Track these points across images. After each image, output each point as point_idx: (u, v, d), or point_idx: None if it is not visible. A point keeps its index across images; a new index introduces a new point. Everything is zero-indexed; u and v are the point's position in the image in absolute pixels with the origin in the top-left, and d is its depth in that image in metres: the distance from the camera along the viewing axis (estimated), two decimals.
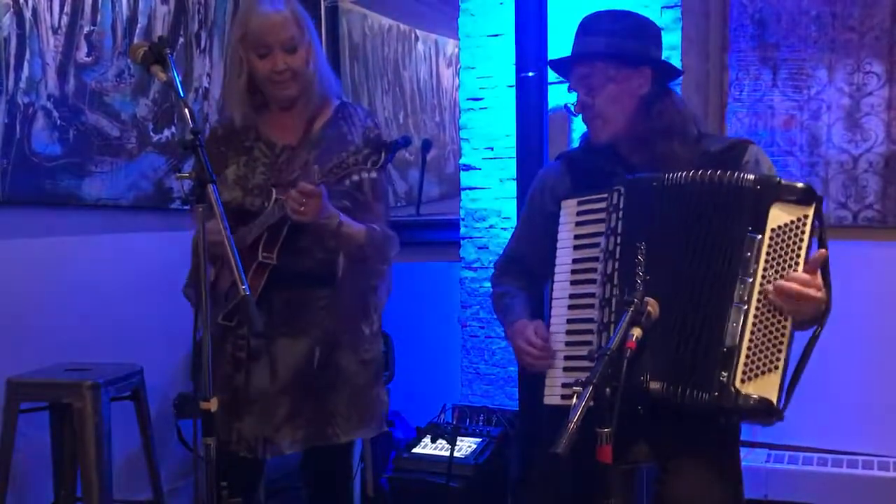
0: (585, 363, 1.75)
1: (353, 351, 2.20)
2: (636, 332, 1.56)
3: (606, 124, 1.91)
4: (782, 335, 1.63)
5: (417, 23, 4.23)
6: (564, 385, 1.81)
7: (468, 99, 3.33)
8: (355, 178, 1.95)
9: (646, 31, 1.93)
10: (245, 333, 2.13)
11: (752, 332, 1.63)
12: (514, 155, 3.07)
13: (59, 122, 2.86)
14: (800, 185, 1.66)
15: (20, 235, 2.81)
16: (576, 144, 3.05)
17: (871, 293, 3.00)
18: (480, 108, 3.31)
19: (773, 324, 1.63)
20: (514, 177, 3.07)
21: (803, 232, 1.63)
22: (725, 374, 1.62)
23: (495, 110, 3.28)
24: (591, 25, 1.94)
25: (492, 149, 3.30)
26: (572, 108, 1.96)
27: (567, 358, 1.83)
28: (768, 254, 1.64)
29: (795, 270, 1.62)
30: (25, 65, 2.74)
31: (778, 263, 1.63)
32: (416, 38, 4.26)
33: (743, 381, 1.61)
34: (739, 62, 3.13)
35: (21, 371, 2.65)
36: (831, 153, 3.04)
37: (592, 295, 1.81)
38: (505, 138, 3.25)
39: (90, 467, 2.56)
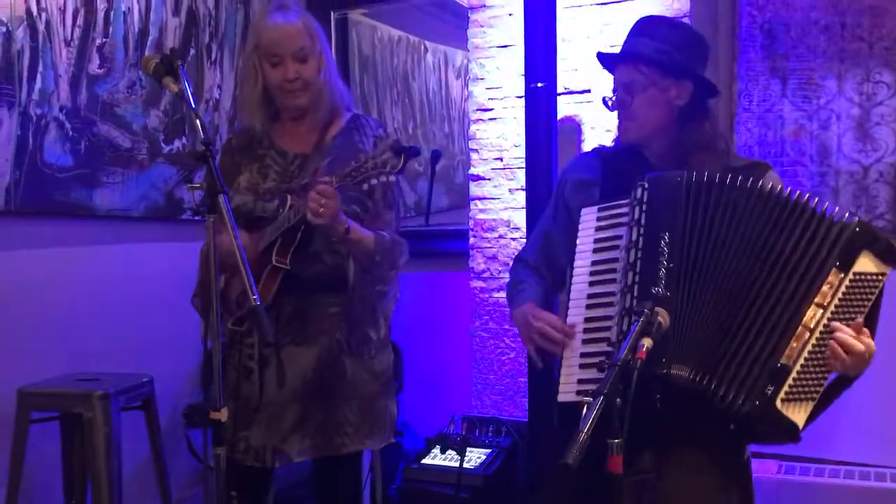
0: (602, 358, 1.74)
1: (361, 358, 2.20)
2: (646, 342, 1.55)
3: (637, 126, 1.94)
4: (828, 372, 1.68)
5: (427, 34, 4.25)
6: (580, 381, 1.81)
7: (477, 109, 3.34)
8: (373, 181, 1.96)
9: (696, 46, 1.96)
10: (254, 342, 2.14)
11: (807, 359, 1.67)
12: (523, 165, 3.07)
13: (70, 133, 2.89)
14: (890, 242, 1.72)
15: (32, 246, 2.83)
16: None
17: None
18: (490, 119, 3.32)
19: (825, 358, 1.68)
20: (524, 187, 3.07)
21: (876, 287, 1.70)
22: (772, 389, 1.65)
23: (504, 121, 3.29)
24: (646, 28, 1.97)
25: (501, 159, 3.30)
26: (609, 103, 1.98)
27: (584, 355, 1.83)
28: (845, 294, 1.68)
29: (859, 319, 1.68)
30: (38, 77, 2.77)
31: (849, 306, 1.69)
32: (426, 50, 4.28)
33: (783, 400, 1.65)
34: (748, 72, 3.13)
35: (32, 381, 2.67)
36: (841, 163, 3.04)
37: (611, 294, 1.81)
38: (514, 149, 3.26)
39: (100, 477, 2.57)
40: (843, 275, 1.68)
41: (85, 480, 2.70)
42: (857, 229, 1.70)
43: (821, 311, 1.67)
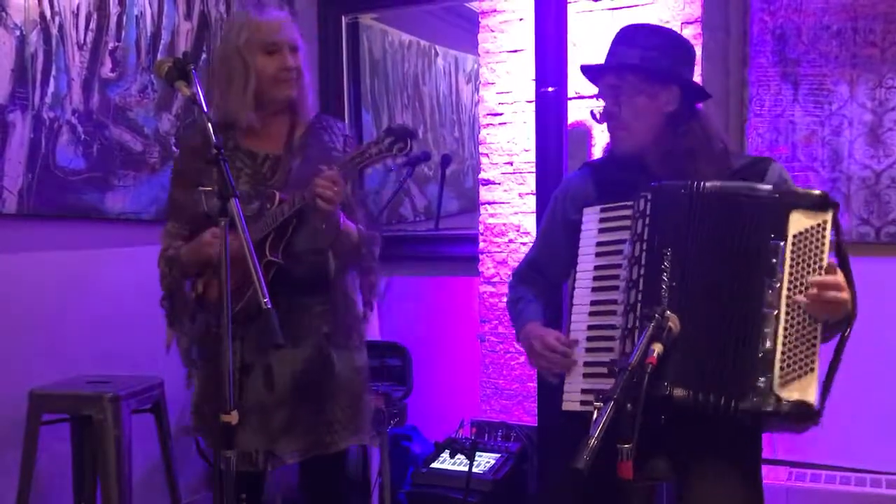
0: (605, 369, 1.74)
1: (348, 349, 2.23)
2: (657, 347, 1.55)
3: (629, 135, 1.92)
4: (814, 336, 1.66)
5: (437, 39, 4.25)
6: (584, 391, 1.80)
7: (488, 114, 3.34)
8: (377, 166, 1.99)
9: (679, 51, 1.95)
10: (234, 349, 2.13)
11: (786, 336, 1.66)
12: (533, 170, 3.07)
13: (83, 136, 2.90)
14: (816, 191, 1.73)
15: (44, 248, 2.84)
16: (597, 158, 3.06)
17: (894, 310, 2.97)
18: (500, 124, 3.32)
19: (804, 326, 1.66)
20: (534, 192, 3.07)
21: (823, 236, 1.69)
22: (763, 380, 1.64)
23: (515, 125, 3.29)
24: (628, 37, 1.95)
25: (511, 164, 3.30)
26: (597, 116, 1.97)
27: (587, 364, 1.83)
28: (792, 259, 1.68)
29: (819, 273, 1.67)
30: (51, 80, 2.78)
31: (802, 267, 1.68)
32: (436, 54, 4.28)
33: (781, 384, 1.64)
34: (760, 78, 3.12)
35: (43, 383, 2.68)
36: (853, 169, 3.02)
37: (614, 301, 1.81)
38: (524, 153, 3.26)
39: (110, 479, 2.58)
40: (782, 243, 1.69)
41: (95, 482, 2.71)
42: (776, 195, 1.72)
43: (777, 286, 1.67)
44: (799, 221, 1.69)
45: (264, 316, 1.67)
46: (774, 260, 1.68)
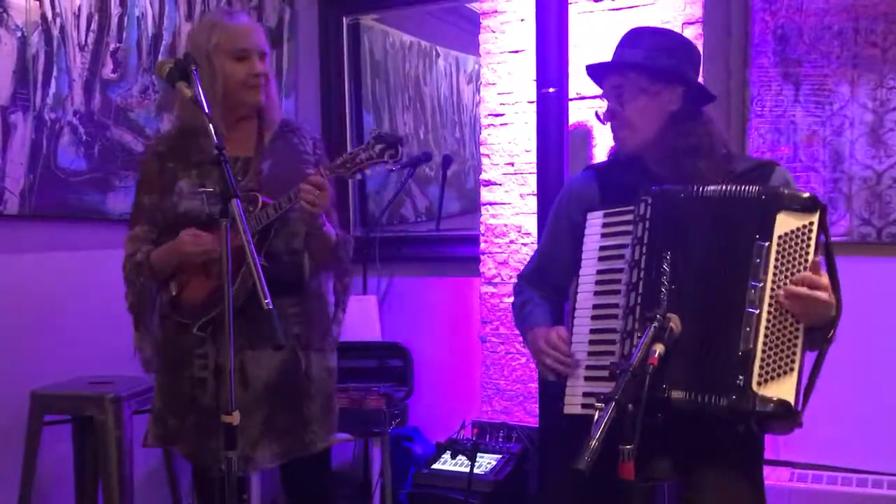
0: (607, 373, 1.74)
1: (322, 351, 2.25)
2: (658, 348, 1.56)
3: (632, 134, 1.93)
4: (796, 337, 1.66)
5: (438, 40, 4.25)
6: (585, 394, 1.81)
7: (489, 115, 3.34)
8: (367, 172, 2.02)
9: (683, 52, 1.96)
10: (206, 351, 2.14)
11: (766, 336, 1.66)
12: (534, 171, 3.07)
13: (84, 137, 2.91)
14: (804, 194, 1.72)
15: (45, 249, 2.84)
16: (597, 160, 3.07)
17: (894, 310, 2.96)
18: (501, 124, 3.32)
19: (785, 327, 1.66)
20: (535, 192, 3.07)
21: (809, 238, 1.68)
22: (742, 378, 1.64)
23: (516, 126, 3.29)
24: (632, 39, 1.97)
25: (512, 164, 3.30)
26: (601, 116, 1.98)
27: (589, 368, 1.83)
28: (777, 259, 1.69)
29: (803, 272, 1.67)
30: (53, 81, 2.79)
31: (787, 268, 1.68)
32: (437, 55, 4.28)
33: (760, 383, 1.64)
34: (761, 78, 3.12)
35: (45, 383, 2.68)
36: (854, 169, 3.02)
37: (616, 305, 1.82)
38: (525, 154, 3.26)
39: (112, 480, 2.58)
40: (767, 243, 1.69)
41: (97, 483, 2.72)
42: (763, 197, 1.73)
43: (759, 285, 1.67)
44: (785, 223, 1.69)
45: (265, 316, 1.67)
46: (759, 260, 1.69)
